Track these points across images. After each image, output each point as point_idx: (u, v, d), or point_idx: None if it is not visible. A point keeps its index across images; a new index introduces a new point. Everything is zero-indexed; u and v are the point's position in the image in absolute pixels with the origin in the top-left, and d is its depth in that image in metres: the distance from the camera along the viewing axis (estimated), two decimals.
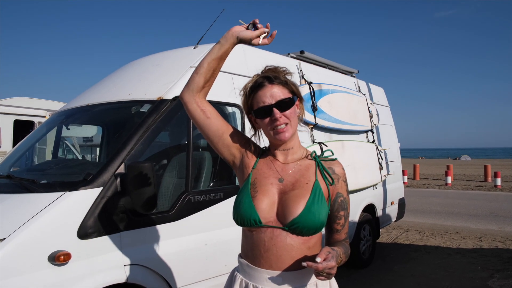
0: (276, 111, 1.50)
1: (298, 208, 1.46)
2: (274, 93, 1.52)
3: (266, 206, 1.49)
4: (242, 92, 1.62)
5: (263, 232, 1.49)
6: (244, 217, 1.49)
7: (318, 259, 1.31)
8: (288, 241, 1.47)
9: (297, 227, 1.45)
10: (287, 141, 1.55)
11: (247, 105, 1.60)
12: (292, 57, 5.09)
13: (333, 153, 1.64)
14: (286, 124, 1.52)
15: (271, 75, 1.56)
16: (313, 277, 1.50)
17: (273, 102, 1.51)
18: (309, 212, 1.46)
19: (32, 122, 8.30)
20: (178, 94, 3.10)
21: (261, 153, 1.66)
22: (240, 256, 1.62)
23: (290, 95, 1.55)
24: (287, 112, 1.52)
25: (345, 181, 1.60)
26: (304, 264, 1.32)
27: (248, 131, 1.70)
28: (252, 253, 1.52)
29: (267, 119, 1.52)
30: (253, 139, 1.69)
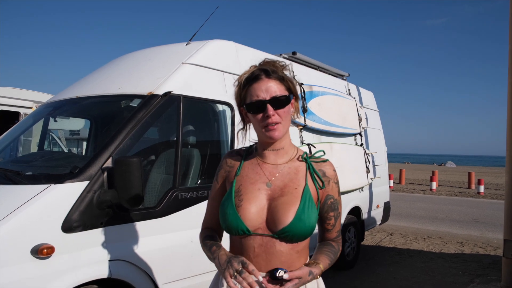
0: (269, 107, 1.42)
1: (287, 217, 1.42)
2: (270, 88, 1.43)
3: (253, 214, 1.44)
4: (236, 83, 1.52)
5: (252, 239, 1.45)
6: (231, 228, 1.45)
7: (286, 275, 1.34)
8: (278, 248, 1.43)
9: (287, 236, 1.42)
10: (277, 139, 1.47)
11: (240, 97, 1.51)
12: (284, 57, 5.10)
13: (324, 153, 1.59)
14: (278, 122, 1.44)
15: (269, 69, 1.47)
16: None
17: (268, 98, 1.42)
18: (299, 221, 1.42)
19: (18, 113, 8.15)
20: (169, 89, 3.08)
21: (246, 155, 1.59)
22: None
23: (286, 93, 1.46)
24: (281, 110, 1.44)
25: (336, 183, 1.57)
26: None
27: (238, 129, 1.65)
28: None
29: (260, 115, 1.44)
30: (240, 133, 1.61)
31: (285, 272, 1.36)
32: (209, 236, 1.59)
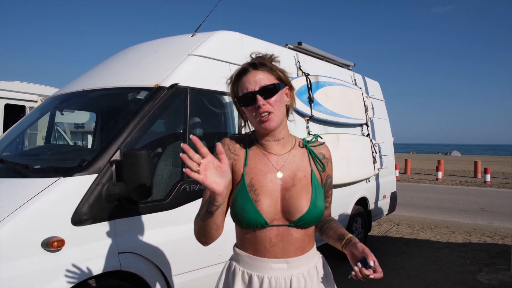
0: (259, 98, 1.42)
1: (303, 205, 1.47)
2: (258, 79, 1.44)
3: (269, 207, 1.46)
4: (228, 81, 1.55)
5: (268, 231, 1.47)
6: (251, 223, 1.45)
7: (372, 262, 1.35)
8: (294, 235, 1.48)
9: (305, 223, 1.47)
10: (273, 130, 1.47)
11: (233, 93, 1.52)
12: (290, 48, 5.06)
13: (318, 137, 1.67)
14: (271, 112, 1.43)
15: (257, 62, 1.49)
16: (313, 260, 1.56)
17: (257, 88, 1.43)
18: (315, 207, 1.48)
19: (23, 107, 8.18)
20: (175, 81, 3.06)
21: (248, 144, 1.58)
22: (237, 246, 1.58)
23: (276, 81, 1.47)
24: (271, 99, 1.44)
25: (332, 162, 1.66)
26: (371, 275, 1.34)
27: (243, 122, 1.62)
28: (255, 247, 1.49)
29: (251, 107, 1.45)
30: (242, 130, 1.63)
31: (365, 259, 1.38)
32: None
